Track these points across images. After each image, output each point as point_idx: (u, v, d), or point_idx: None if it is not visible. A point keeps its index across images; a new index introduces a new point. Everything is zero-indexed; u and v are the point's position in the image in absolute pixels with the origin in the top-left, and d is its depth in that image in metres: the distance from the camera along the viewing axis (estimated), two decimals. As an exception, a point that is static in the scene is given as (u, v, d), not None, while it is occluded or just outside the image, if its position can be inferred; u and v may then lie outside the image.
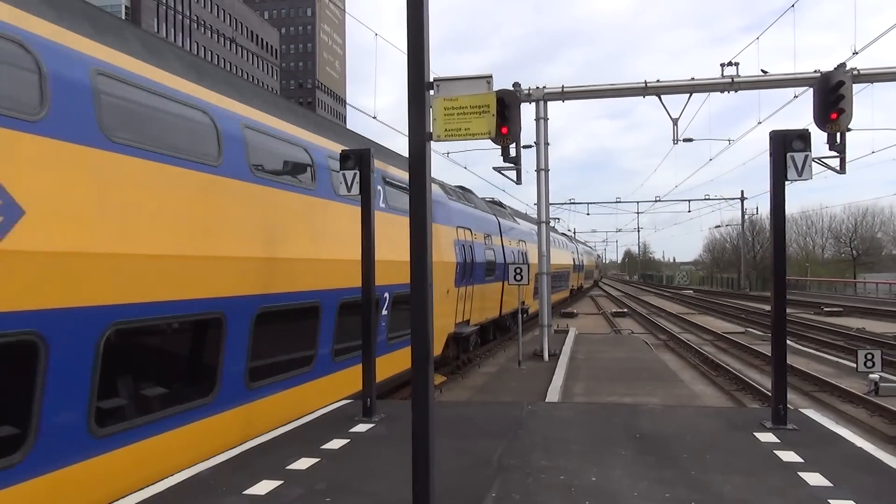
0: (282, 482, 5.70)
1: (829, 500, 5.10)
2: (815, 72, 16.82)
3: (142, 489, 5.54)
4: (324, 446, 6.83)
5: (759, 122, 21.85)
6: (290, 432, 7.55)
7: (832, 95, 13.61)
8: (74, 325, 5.01)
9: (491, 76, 4.45)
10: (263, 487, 5.57)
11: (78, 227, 5.13)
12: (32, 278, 4.69)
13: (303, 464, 6.24)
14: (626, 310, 43.94)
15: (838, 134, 13.86)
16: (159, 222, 6.01)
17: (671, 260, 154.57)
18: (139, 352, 6.14)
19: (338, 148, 9.31)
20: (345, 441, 7.05)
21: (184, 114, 6.72)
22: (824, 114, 13.59)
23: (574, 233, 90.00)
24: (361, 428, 7.64)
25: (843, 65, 15.30)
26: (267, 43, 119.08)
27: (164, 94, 6.43)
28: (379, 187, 10.64)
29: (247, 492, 5.47)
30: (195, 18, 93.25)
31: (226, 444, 6.82)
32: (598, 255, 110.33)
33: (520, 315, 18.71)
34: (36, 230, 4.71)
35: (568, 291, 48.29)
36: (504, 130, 14.30)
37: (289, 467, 6.13)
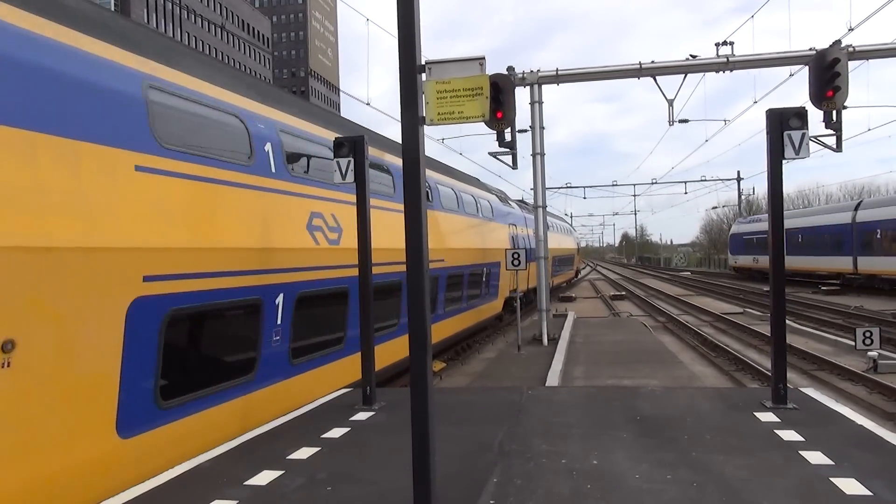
0: (282, 472, 5.69)
1: (831, 479, 5.10)
2: (811, 49, 16.74)
3: (142, 482, 5.52)
4: (324, 435, 6.82)
5: (755, 102, 21.82)
6: (291, 422, 7.54)
7: (828, 73, 13.56)
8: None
9: (483, 58, 4.38)
10: (264, 478, 5.55)
11: None
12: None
13: (303, 453, 6.22)
14: (624, 293, 44.01)
15: (834, 112, 13.81)
16: None
17: (668, 242, 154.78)
18: None
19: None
20: (345, 430, 7.04)
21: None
22: (820, 92, 13.55)
23: (572, 217, 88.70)
24: (361, 416, 7.63)
25: (838, 42, 15.23)
26: (258, 31, 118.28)
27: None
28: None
29: (248, 482, 5.45)
30: (185, 7, 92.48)
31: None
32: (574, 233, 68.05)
33: (517, 301, 18.73)
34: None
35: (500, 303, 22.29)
36: (499, 115, 14.26)
37: (289, 457, 6.11)
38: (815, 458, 5.62)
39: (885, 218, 33.74)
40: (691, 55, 18.53)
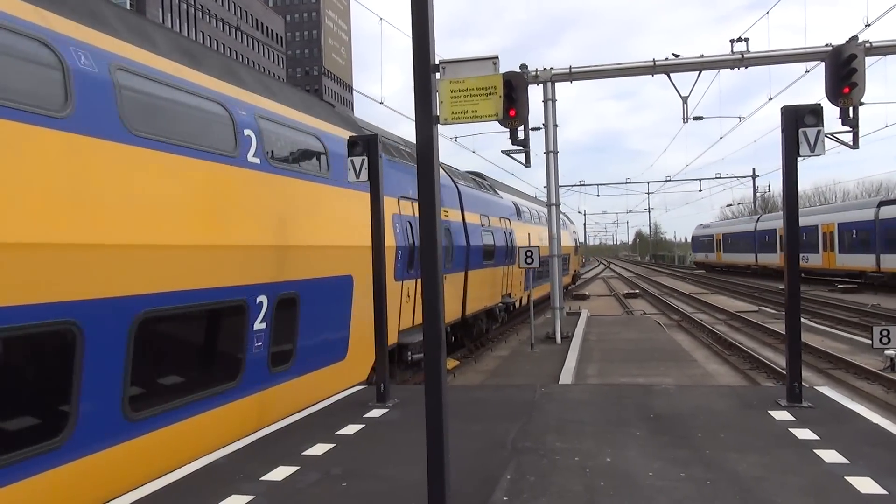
0: (298, 468, 5.75)
1: (846, 477, 5.08)
2: (827, 45, 16.60)
3: (160, 477, 5.60)
4: (339, 432, 6.87)
5: (770, 99, 21.70)
6: (306, 418, 7.61)
7: (844, 69, 13.43)
8: None
9: (497, 57, 4.41)
10: (280, 473, 5.62)
11: None
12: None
13: (318, 449, 6.28)
14: (637, 291, 43.82)
15: (851, 108, 13.68)
16: None
17: (683, 240, 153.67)
18: None
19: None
20: (360, 426, 7.10)
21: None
22: (836, 88, 13.42)
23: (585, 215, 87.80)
24: (375, 413, 7.68)
25: (854, 38, 15.08)
26: (272, 31, 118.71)
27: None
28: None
29: (263, 478, 5.52)
30: (199, 7, 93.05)
31: None
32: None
33: (530, 299, 18.64)
34: None
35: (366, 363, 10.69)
36: (512, 113, 14.26)
37: (305, 453, 6.17)
38: (831, 456, 5.60)
39: (769, 228, 49.73)
40: (674, 54, 18.49)
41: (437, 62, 4.40)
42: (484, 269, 17.94)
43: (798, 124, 7.28)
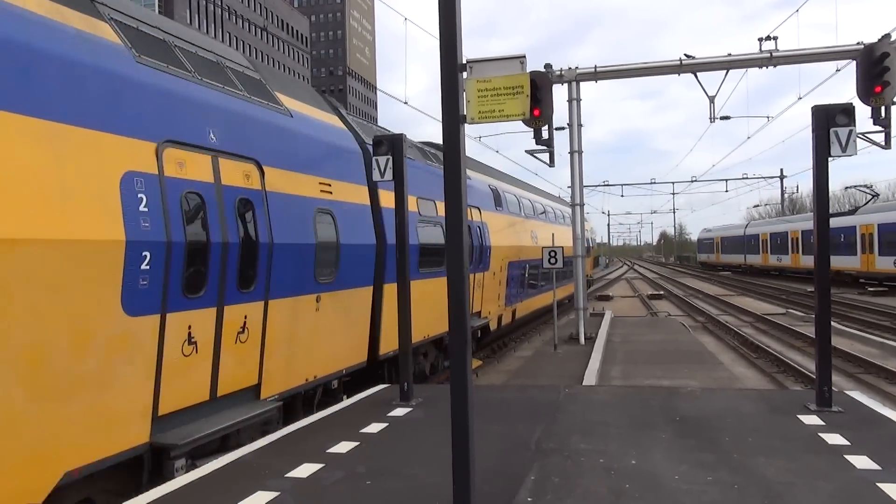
0: (322, 465, 5.79)
1: (878, 484, 4.99)
2: (858, 44, 16.30)
3: (186, 473, 5.68)
4: (363, 430, 6.91)
5: (800, 98, 21.45)
6: (330, 417, 7.66)
7: (876, 68, 13.18)
8: None
9: (524, 56, 4.40)
10: (305, 471, 5.66)
11: None
12: None
13: (343, 447, 6.32)
14: (662, 292, 43.40)
15: (883, 107, 13.41)
16: None
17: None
18: None
19: None
20: (383, 425, 7.12)
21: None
22: (868, 87, 13.16)
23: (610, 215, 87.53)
24: (399, 412, 7.70)
25: (887, 35, 14.78)
26: (297, 31, 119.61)
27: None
28: None
29: (289, 475, 5.57)
30: (226, 8, 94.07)
31: None
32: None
33: (554, 299, 18.53)
34: None
35: None
36: (536, 112, 14.17)
37: (329, 451, 6.21)
38: (862, 462, 5.51)
39: (754, 233, 59.98)
40: (686, 54, 18.22)
41: (464, 61, 4.40)
42: (421, 279, 11.35)
43: (829, 124, 7.16)
